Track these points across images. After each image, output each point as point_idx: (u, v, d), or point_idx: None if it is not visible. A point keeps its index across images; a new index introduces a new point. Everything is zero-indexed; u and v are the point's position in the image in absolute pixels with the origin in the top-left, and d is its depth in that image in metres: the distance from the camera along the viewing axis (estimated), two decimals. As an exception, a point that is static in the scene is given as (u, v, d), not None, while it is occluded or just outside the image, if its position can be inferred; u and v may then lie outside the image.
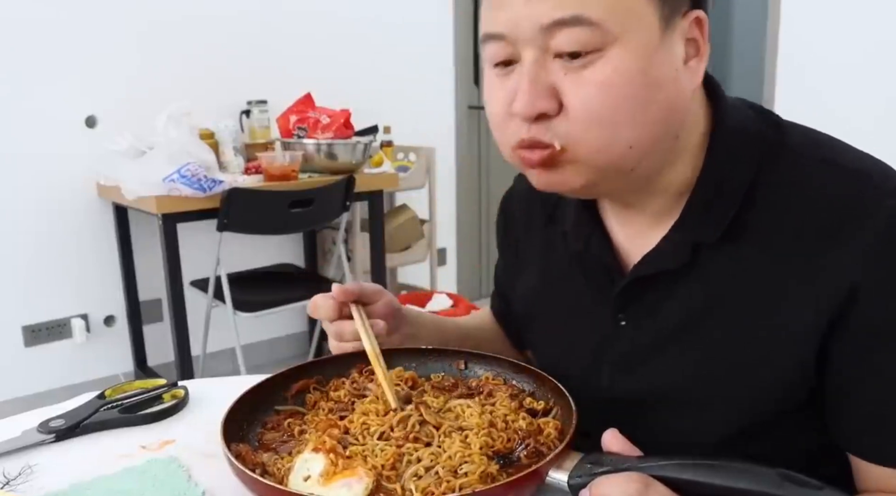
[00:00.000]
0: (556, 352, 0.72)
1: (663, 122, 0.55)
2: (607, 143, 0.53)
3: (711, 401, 0.59)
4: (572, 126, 0.53)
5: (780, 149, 0.58)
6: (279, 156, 2.35)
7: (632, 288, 0.62)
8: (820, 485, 0.46)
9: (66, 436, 0.68)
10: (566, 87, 0.53)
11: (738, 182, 0.58)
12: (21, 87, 2.29)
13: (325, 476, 0.53)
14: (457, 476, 0.52)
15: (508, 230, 0.80)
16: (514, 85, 0.54)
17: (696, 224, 0.59)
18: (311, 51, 2.85)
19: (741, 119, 0.60)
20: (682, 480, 0.48)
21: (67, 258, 2.45)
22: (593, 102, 0.52)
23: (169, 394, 0.76)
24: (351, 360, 0.72)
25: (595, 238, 0.65)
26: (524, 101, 0.53)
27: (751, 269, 0.57)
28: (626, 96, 0.52)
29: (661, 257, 0.60)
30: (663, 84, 0.53)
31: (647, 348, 0.62)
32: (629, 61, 0.51)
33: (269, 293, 2.41)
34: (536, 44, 0.52)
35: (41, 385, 2.44)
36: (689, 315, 0.60)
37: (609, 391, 0.65)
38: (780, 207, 0.56)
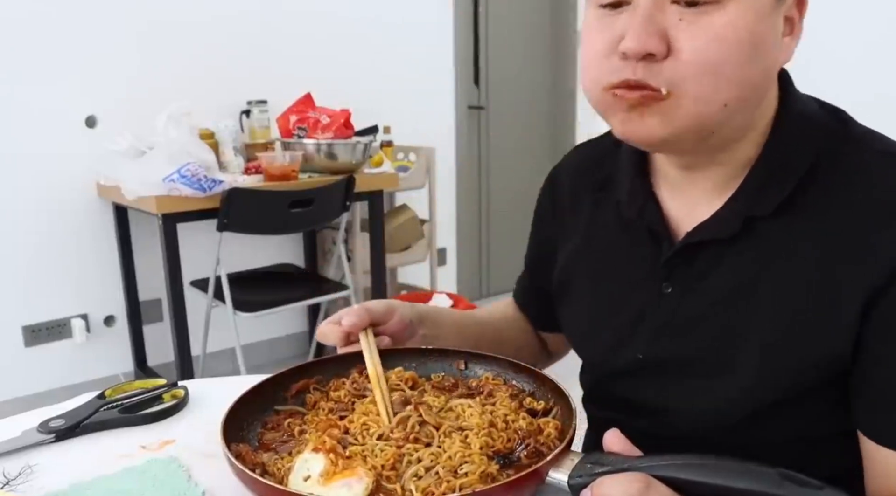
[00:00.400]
0: (592, 317, 0.73)
1: (756, 86, 0.57)
2: (708, 95, 0.54)
3: (747, 372, 0.61)
4: (680, 71, 0.54)
5: (842, 138, 0.61)
6: (279, 156, 2.35)
7: (680, 255, 0.64)
8: (820, 484, 0.46)
9: (66, 436, 0.68)
10: (679, 32, 0.53)
11: (799, 162, 0.60)
12: (21, 86, 2.29)
13: (324, 476, 0.53)
14: (457, 476, 0.52)
15: (556, 200, 0.80)
16: (623, 25, 0.55)
17: (752, 197, 0.60)
18: (311, 51, 2.85)
19: (809, 107, 0.63)
20: (682, 480, 0.48)
21: (67, 258, 2.45)
22: (704, 49, 0.53)
23: (169, 395, 0.76)
24: (351, 361, 0.72)
25: (649, 207, 0.67)
26: (636, 38, 0.53)
27: (801, 245, 0.58)
28: (734, 51, 0.53)
29: (714, 226, 0.62)
30: (766, 49, 0.55)
31: (690, 317, 0.64)
32: (744, 17, 0.53)
33: (269, 293, 2.41)
34: None
35: (41, 385, 2.44)
36: (735, 286, 0.61)
37: (645, 357, 0.67)
38: (836, 190, 0.58)
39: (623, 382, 0.70)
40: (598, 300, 0.72)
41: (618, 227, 0.70)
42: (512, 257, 4.12)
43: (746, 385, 0.61)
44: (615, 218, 0.71)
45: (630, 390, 0.69)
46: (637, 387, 0.68)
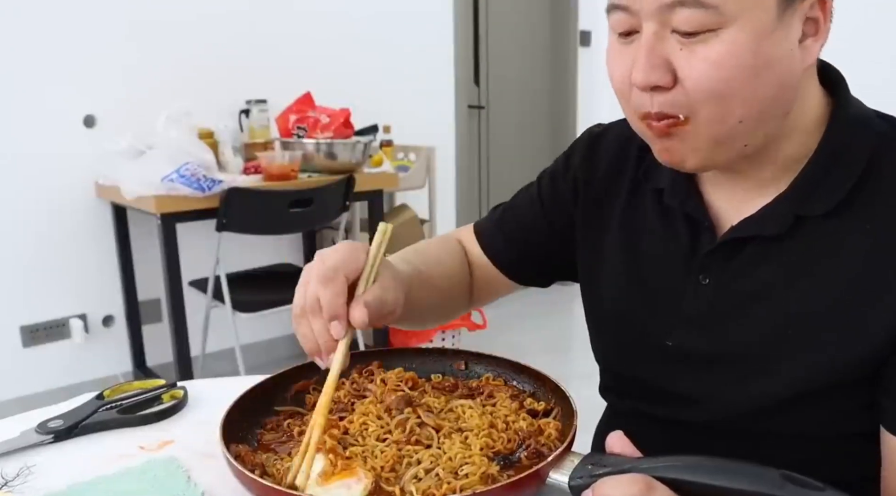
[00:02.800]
0: (624, 299, 0.72)
1: (773, 98, 0.56)
2: (720, 117, 0.56)
3: (778, 366, 0.61)
4: (689, 98, 0.56)
5: (893, 140, 0.61)
6: (279, 155, 2.34)
7: (722, 249, 0.64)
8: (821, 485, 0.46)
9: (65, 436, 0.68)
10: (681, 61, 0.55)
11: (853, 164, 0.60)
12: (20, 86, 2.29)
13: (324, 476, 0.53)
14: (457, 477, 0.52)
15: (593, 174, 0.76)
16: (634, 55, 0.57)
17: (804, 197, 0.60)
18: (310, 50, 2.84)
19: (862, 110, 0.63)
20: (683, 481, 0.48)
21: (66, 258, 2.45)
22: (704, 78, 0.54)
23: (168, 395, 0.76)
24: (351, 361, 0.72)
25: (691, 198, 0.67)
26: (640, 72, 0.56)
27: (846, 245, 0.59)
28: (735, 74, 0.54)
29: (762, 222, 0.62)
30: (774, 63, 0.55)
31: (726, 310, 0.64)
32: (742, 42, 0.53)
33: (268, 293, 2.41)
34: (656, 18, 0.55)
35: (39, 385, 2.44)
36: (777, 282, 0.61)
37: (675, 344, 0.67)
38: (887, 192, 0.59)
39: (648, 368, 0.69)
40: (631, 282, 0.71)
41: (656, 215, 0.70)
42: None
43: (775, 381, 0.61)
44: (654, 205, 0.70)
45: (654, 377, 0.69)
46: (662, 375, 0.68)
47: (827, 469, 0.46)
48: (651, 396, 0.70)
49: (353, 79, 2.93)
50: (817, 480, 0.46)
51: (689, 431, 0.66)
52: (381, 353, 0.73)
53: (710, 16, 0.52)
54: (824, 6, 0.56)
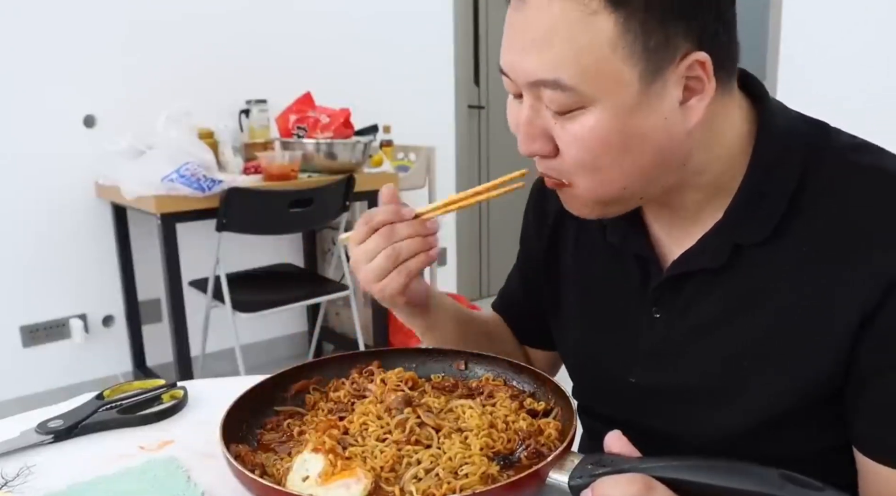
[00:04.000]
0: (584, 340, 0.73)
1: (654, 164, 0.57)
2: (598, 186, 0.57)
3: (738, 395, 0.61)
4: (566, 168, 0.57)
5: (825, 152, 0.59)
6: (279, 155, 2.34)
7: (669, 283, 0.64)
8: (821, 485, 0.46)
9: (65, 436, 0.68)
10: (557, 134, 0.56)
11: (784, 185, 0.58)
12: (20, 86, 2.29)
13: (323, 476, 0.53)
14: (457, 477, 0.52)
15: (543, 218, 0.78)
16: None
17: (739, 226, 0.59)
18: (310, 50, 2.84)
19: (787, 122, 0.61)
20: (683, 481, 0.48)
21: (66, 258, 2.45)
22: (575, 153, 0.56)
23: (168, 395, 0.76)
24: (351, 361, 0.72)
25: (633, 233, 0.67)
26: (521, 142, 0.58)
27: (789, 269, 0.58)
28: (604, 151, 0.55)
29: (700, 256, 0.61)
30: (647, 134, 0.55)
31: (681, 342, 0.64)
32: (607, 121, 0.53)
33: (268, 293, 2.41)
34: (530, 93, 0.56)
35: (39, 385, 2.44)
36: (725, 312, 0.61)
37: (638, 381, 0.67)
38: (824, 211, 0.57)
39: (615, 404, 0.70)
40: (589, 323, 0.72)
41: (604, 250, 0.70)
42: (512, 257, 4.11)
43: (739, 410, 0.61)
44: (601, 242, 0.70)
45: (621, 412, 0.69)
46: (629, 410, 0.68)
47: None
48: (620, 427, 0.69)
49: (353, 79, 2.93)
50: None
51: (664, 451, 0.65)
52: (381, 353, 0.73)
53: (571, 96, 0.53)
54: (704, 66, 0.54)
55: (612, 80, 0.52)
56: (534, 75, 0.54)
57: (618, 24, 0.51)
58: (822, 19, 3.05)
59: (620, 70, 0.52)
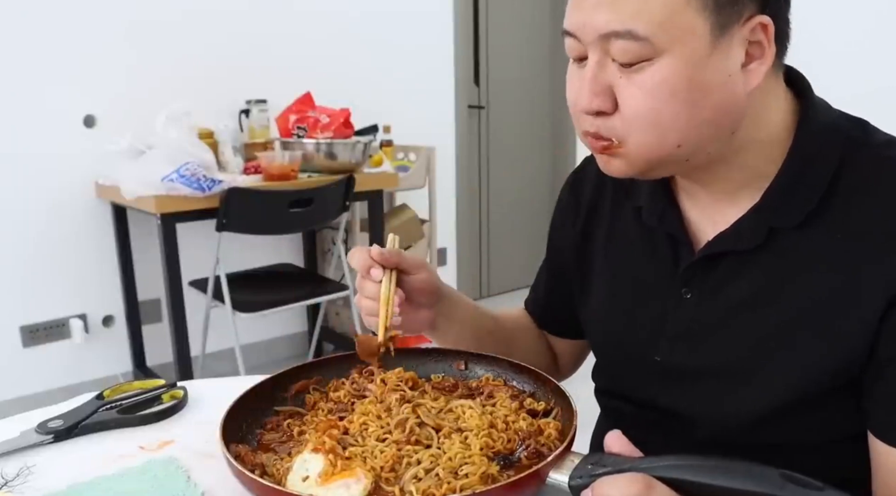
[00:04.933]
0: (614, 321, 0.73)
1: (712, 123, 0.57)
2: (655, 143, 0.57)
3: (763, 376, 0.62)
4: (625, 125, 0.58)
5: (863, 147, 0.61)
6: (278, 155, 2.34)
7: (701, 263, 0.65)
8: (821, 485, 0.46)
9: (65, 436, 0.68)
10: (620, 89, 0.57)
11: (822, 173, 0.60)
12: (20, 86, 2.29)
13: (323, 476, 0.53)
14: (457, 477, 0.52)
15: (579, 208, 0.79)
16: (582, 80, 0.58)
17: (776, 209, 0.61)
18: (310, 50, 2.84)
19: (828, 116, 0.63)
20: (683, 481, 0.48)
21: (66, 258, 2.45)
22: (640, 106, 0.56)
23: (168, 395, 0.76)
24: (351, 361, 0.72)
25: (668, 213, 0.68)
26: (584, 98, 0.58)
27: (821, 256, 0.59)
28: (670, 103, 0.55)
29: (736, 237, 0.63)
30: (712, 89, 0.56)
31: (710, 323, 0.65)
32: (676, 71, 0.54)
33: (268, 293, 2.41)
34: (598, 47, 0.57)
35: (39, 386, 2.44)
36: (755, 294, 0.62)
37: (665, 361, 0.68)
38: (859, 200, 0.59)
39: (639, 383, 0.70)
40: (619, 302, 0.73)
41: (638, 231, 0.71)
42: (512, 257, 4.13)
43: (762, 391, 0.61)
44: (635, 222, 0.71)
45: (645, 391, 0.70)
46: (653, 389, 0.69)
47: (819, 474, 0.47)
48: (642, 407, 0.71)
49: (353, 79, 2.93)
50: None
51: (677, 440, 0.66)
52: (385, 352, 0.73)
53: (643, 47, 0.54)
54: (766, 30, 0.56)
55: (684, 30, 0.54)
56: (608, 27, 0.55)
57: None
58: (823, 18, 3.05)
59: (693, 22, 0.54)
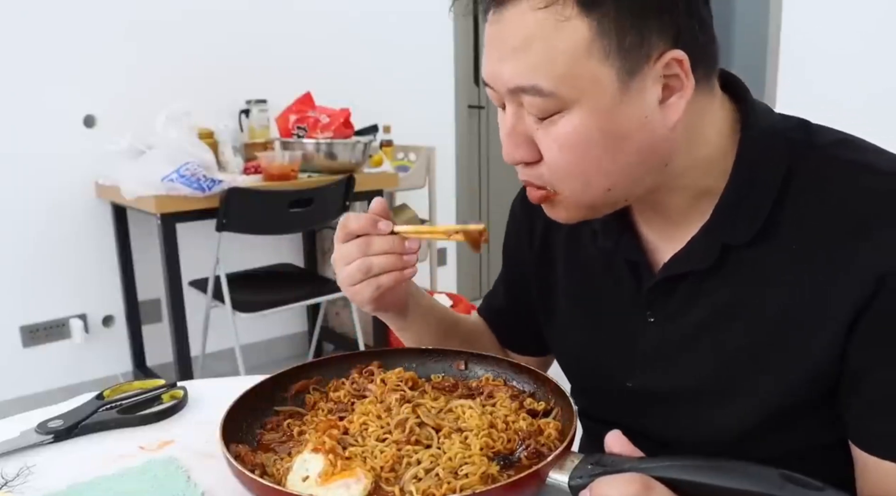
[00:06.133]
0: (583, 350, 0.73)
1: (638, 163, 0.57)
2: (583, 189, 0.57)
3: (734, 396, 0.61)
4: (551, 174, 0.58)
5: (808, 150, 0.59)
6: (278, 155, 2.34)
7: (661, 286, 0.64)
8: (821, 485, 0.46)
9: (65, 436, 0.68)
10: (539, 139, 0.57)
11: (769, 184, 0.58)
12: (20, 86, 2.29)
13: (323, 476, 0.53)
14: (457, 477, 0.52)
15: (532, 226, 0.78)
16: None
17: (726, 226, 0.60)
18: (310, 50, 2.84)
19: (769, 122, 0.61)
20: (683, 481, 0.48)
21: (66, 258, 2.45)
22: (558, 156, 0.56)
23: (168, 395, 0.76)
24: (351, 361, 0.72)
25: (625, 237, 0.67)
26: (504, 150, 0.58)
27: (779, 268, 0.58)
28: (587, 153, 0.55)
29: (690, 257, 0.61)
30: (629, 134, 0.55)
31: (675, 345, 0.64)
32: (587, 122, 0.54)
33: (268, 293, 2.41)
34: (511, 99, 0.57)
35: (39, 386, 2.44)
36: (716, 312, 0.61)
37: (635, 386, 0.67)
38: (809, 208, 0.57)
39: (613, 408, 0.70)
40: (585, 329, 0.72)
41: (597, 256, 0.70)
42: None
43: (733, 410, 0.61)
44: (593, 248, 0.70)
45: (620, 416, 0.69)
46: (627, 414, 0.68)
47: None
48: (620, 430, 0.70)
49: (353, 79, 2.93)
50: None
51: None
52: (381, 353, 0.73)
53: (550, 101, 0.54)
54: (682, 64, 0.54)
55: (590, 81, 0.53)
56: (512, 82, 0.55)
57: (591, 28, 0.52)
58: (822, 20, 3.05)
59: (597, 72, 0.53)
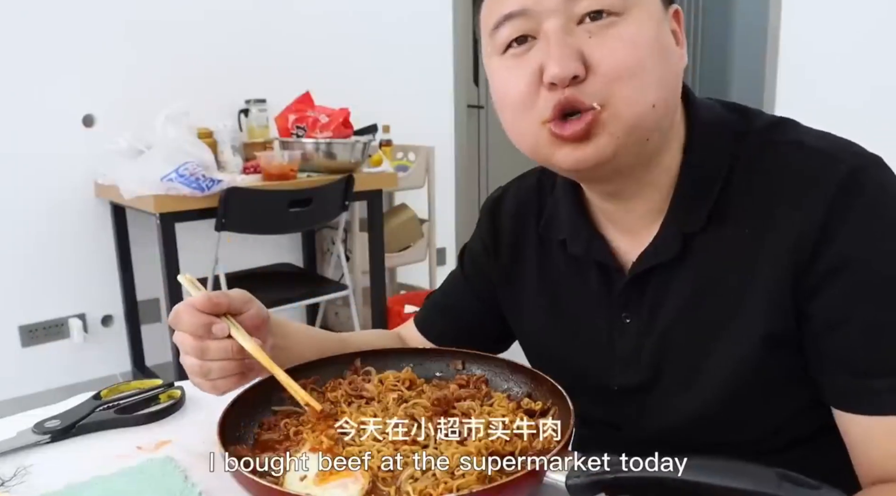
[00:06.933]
0: (560, 354, 0.73)
1: (673, 88, 0.59)
2: (637, 96, 0.56)
3: (710, 378, 0.63)
4: (604, 83, 0.55)
5: (748, 135, 0.63)
6: (278, 155, 2.34)
7: (632, 285, 0.65)
8: (817, 484, 0.46)
9: (62, 436, 0.68)
10: (593, 49, 0.55)
11: (716, 171, 0.62)
12: (19, 86, 2.29)
13: (320, 476, 0.53)
14: (454, 477, 0.52)
15: (498, 241, 0.78)
16: (538, 58, 0.56)
17: (682, 215, 0.62)
18: (310, 50, 2.84)
19: (712, 113, 0.65)
20: (679, 480, 0.48)
21: (65, 257, 2.45)
22: (622, 57, 0.55)
23: (165, 395, 0.76)
24: (349, 361, 0.72)
25: (594, 241, 0.68)
26: (560, 64, 0.54)
27: (733, 247, 0.61)
28: (648, 53, 0.56)
29: (656, 251, 0.63)
30: (670, 52, 0.58)
31: (652, 340, 0.65)
32: (646, 24, 0.56)
33: (267, 293, 2.41)
34: (561, 13, 0.55)
35: (38, 385, 2.44)
36: (685, 300, 0.63)
37: (620, 387, 0.68)
38: (753, 188, 0.60)
39: (602, 410, 0.70)
40: (564, 336, 0.72)
41: (568, 264, 0.71)
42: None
43: (708, 392, 0.62)
44: (562, 256, 0.71)
45: (609, 416, 0.70)
46: (615, 414, 0.69)
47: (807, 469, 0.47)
48: (607, 426, 0.71)
49: (353, 78, 2.93)
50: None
51: (646, 447, 0.66)
52: (379, 353, 0.73)
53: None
54: (679, 19, 0.60)
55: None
56: None
57: None
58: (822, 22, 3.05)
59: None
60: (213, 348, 0.62)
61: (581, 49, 0.55)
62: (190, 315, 0.62)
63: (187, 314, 0.62)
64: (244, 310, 0.65)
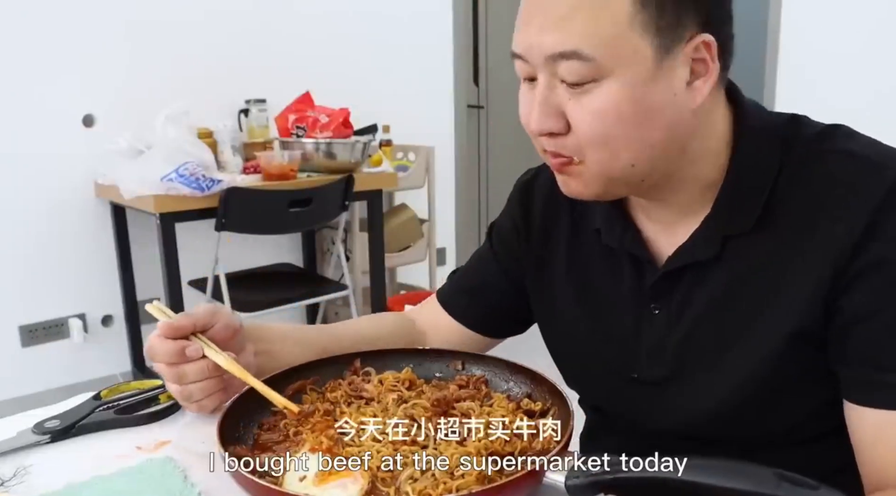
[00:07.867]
0: (588, 344, 0.73)
1: (662, 141, 0.59)
2: (609, 162, 0.59)
3: (731, 374, 0.63)
4: (579, 143, 0.59)
5: (796, 142, 0.63)
6: (278, 155, 2.34)
7: (665, 279, 0.66)
8: (816, 484, 0.46)
9: (62, 436, 0.68)
10: (570, 109, 0.58)
11: (764, 176, 0.62)
12: (19, 86, 2.29)
13: (320, 476, 0.53)
14: (454, 477, 0.52)
15: (529, 224, 0.78)
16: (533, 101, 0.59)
17: (727, 217, 0.63)
18: (310, 49, 2.84)
19: (762, 118, 0.65)
20: (679, 480, 0.48)
21: (65, 258, 2.45)
22: (590, 127, 0.57)
23: (165, 395, 0.75)
24: (348, 361, 0.72)
25: (628, 233, 0.69)
26: (535, 120, 0.59)
27: (773, 253, 0.61)
28: (618, 123, 0.57)
29: (694, 249, 0.64)
30: (658, 109, 0.57)
31: (681, 334, 0.66)
32: (621, 92, 0.56)
33: (267, 293, 2.41)
34: (546, 69, 0.58)
35: (38, 385, 2.44)
36: (717, 300, 0.64)
37: (641, 376, 0.69)
38: (798, 195, 0.61)
39: (617, 400, 0.71)
40: (591, 324, 0.73)
41: (600, 253, 0.72)
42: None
43: (730, 390, 0.63)
44: (596, 244, 0.72)
45: (623, 407, 0.71)
46: (630, 404, 0.70)
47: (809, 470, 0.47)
48: (623, 417, 0.72)
49: (353, 78, 2.93)
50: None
51: (659, 440, 0.67)
52: (379, 354, 0.73)
53: (589, 67, 0.55)
54: (710, 48, 0.57)
55: (629, 52, 0.55)
56: (554, 48, 0.56)
57: (635, 3, 0.55)
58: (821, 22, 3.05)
59: (637, 44, 0.55)
60: (189, 371, 0.66)
61: (562, 106, 0.58)
62: (160, 344, 0.66)
63: (158, 344, 0.66)
64: (211, 323, 0.68)
